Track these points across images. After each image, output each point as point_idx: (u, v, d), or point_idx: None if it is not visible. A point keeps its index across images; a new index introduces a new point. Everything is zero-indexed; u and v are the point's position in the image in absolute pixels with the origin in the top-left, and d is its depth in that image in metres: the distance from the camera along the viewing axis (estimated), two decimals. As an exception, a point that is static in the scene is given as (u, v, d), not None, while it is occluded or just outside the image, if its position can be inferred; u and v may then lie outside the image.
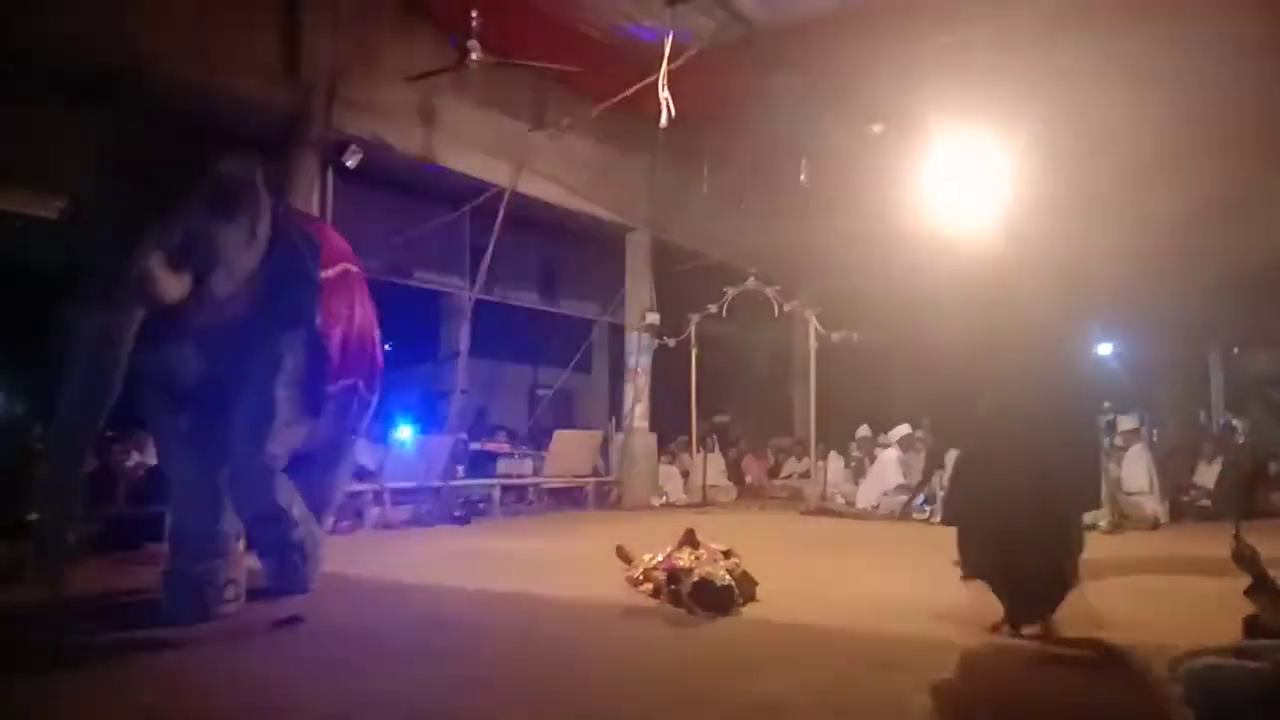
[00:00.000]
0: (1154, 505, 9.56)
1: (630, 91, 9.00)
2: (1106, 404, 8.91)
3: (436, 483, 9.56)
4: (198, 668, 3.61)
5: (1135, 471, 9.72)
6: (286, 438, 4.72)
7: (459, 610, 4.86)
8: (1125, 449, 10.06)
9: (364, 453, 9.66)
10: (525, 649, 3.97)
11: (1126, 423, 10.32)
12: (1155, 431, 12.09)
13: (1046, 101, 8.39)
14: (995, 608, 4.16)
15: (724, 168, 11.77)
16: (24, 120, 7.95)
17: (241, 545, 4.78)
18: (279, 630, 4.16)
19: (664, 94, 8.10)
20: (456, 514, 9.41)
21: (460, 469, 10.21)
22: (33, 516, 6.47)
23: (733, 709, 3.08)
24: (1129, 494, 9.52)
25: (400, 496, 9.35)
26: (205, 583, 4.39)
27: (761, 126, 10.57)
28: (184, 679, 3.48)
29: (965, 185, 9.49)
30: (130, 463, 7.78)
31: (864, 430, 11.90)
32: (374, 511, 9.05)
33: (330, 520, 5.93)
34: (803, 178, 10.56)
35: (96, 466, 6.82)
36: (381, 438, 9.80)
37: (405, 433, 10.17)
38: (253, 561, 4.94)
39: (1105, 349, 7.12)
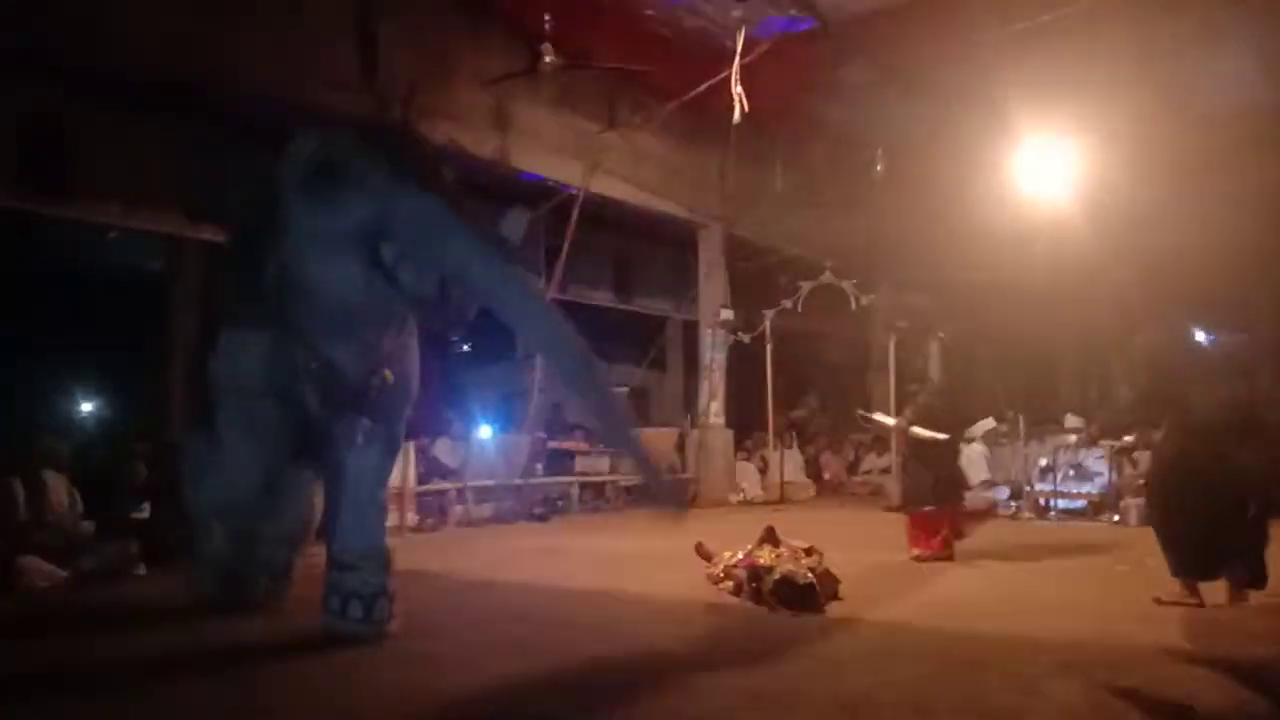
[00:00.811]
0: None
1: (702, 88, 8.99)
2: None
3: (517, 480, 9.71)
4: (290, 661, 3.75)
5: None
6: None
7: (540, 606, 4.93)
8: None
9: (446, 452, 9.90)
10: (606, 645, 4.01)
11: None
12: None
13: (1134, 82, 8.12)
14: (1078, 603, 4.06)
15: (797, 161, 11.68)
16: (112, 133, 8.34)
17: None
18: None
19: (736, 90, 8.08)
20: (536, 511, 9.54)
21: (539, 467, 10.35)
22: (140, 514, 6.81)
23: (815, 707, 3.07)
24: None
25: (481, 494, 9.53)
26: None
27: (834, 119, 10.45)
28: (277, 673, 3.61)
29: (1049, 168, 9.27)
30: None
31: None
32: (457, 509, 9.24)
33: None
34: (878, 168, 10.41)
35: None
36: (463, 436, 10.01)
37: (485, 431, 10.35)
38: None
39: (1202, 336, 6.83)
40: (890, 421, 7.83)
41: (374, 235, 3.70)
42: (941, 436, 6.53)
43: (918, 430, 6.56)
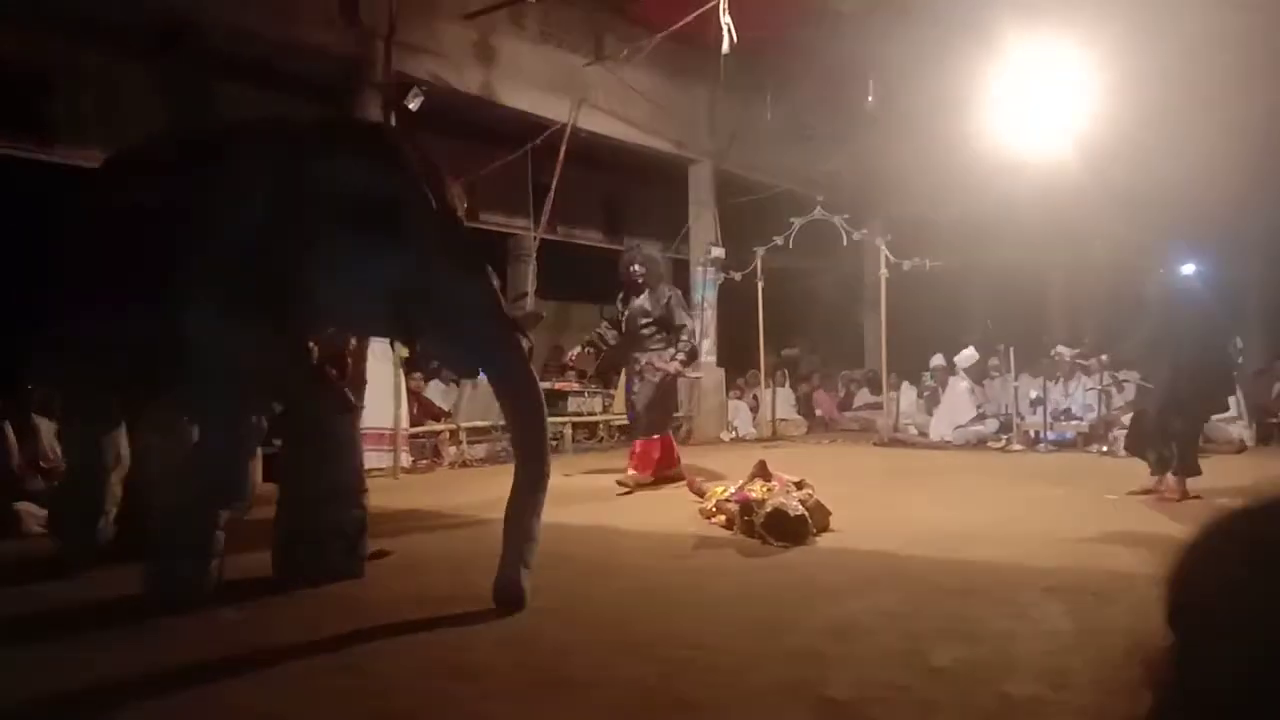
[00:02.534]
0: (1240, 429, 9.27)
1: (689, 19, 8.79)
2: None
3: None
4: (301, 600, 3.79)
5: None
6: None
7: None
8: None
9: (439, 394, 9.91)
10: (603, 578, 4.06)
11: None
12: (1242, 352, 11.64)
13: (1128, 6, 7.98)
14: (1066, 531, 4.11)
15: (787, 94, 11.49)
16: (93, 73, 8.17)
17: None
18: (368, 564, 4.32)
19: (725, 19, 7.90)
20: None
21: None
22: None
23: (807, 633, 3.12)
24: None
25: (475, 435, 9.57)
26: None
27: (825, 48, 10.25)
28: (293, 607, 3.65)
29: (1042, 101, 9.16)
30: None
31: (938, 359, 11.70)
32: (450, 450, 9.28)
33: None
34: (869, 100, 10.26)
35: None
36: (455, 379, 10.00)
37: (476, 374, 10.35)
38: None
39: (1189, 269, 6.88)
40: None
41: (406, 292, 3.76)
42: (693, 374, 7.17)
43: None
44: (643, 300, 7.15)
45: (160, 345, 3.85)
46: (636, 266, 7.18)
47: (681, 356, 7.08)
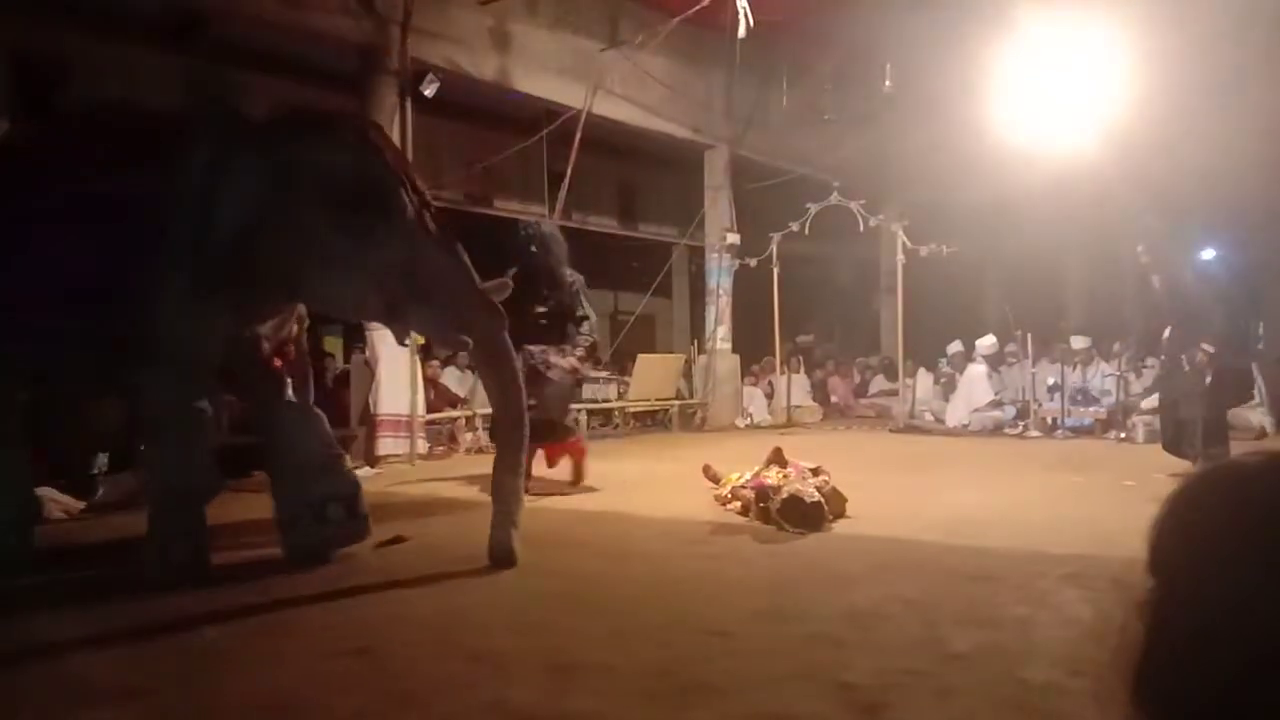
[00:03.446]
0: (1260, 416, 9.20)
1: (705, 2, 8.75)
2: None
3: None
4: (314, 583, 3.82)
5: None
6: None
7: (552, 528, 4.99)
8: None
9: (455, 380, 9.94)
10: (618, 564, 4.07)
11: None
12: (1263, 339, 11.50)
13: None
14: (1084, 518, 4.08)
15: (803, 78, 11.43)
16: (112, 62, 8.20)
17: None
18: (384, 549, 4.36)
19: (741, 3, 7.86)
20: (546, 438, 9.61)
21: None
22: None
23: (824, 619, 3.12)
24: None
25: (490, 422, 9.59)
26: None
27: (842, 32, 10.17)
28: (307, 590, 3.68)
29: (1062, 85, 9.06)
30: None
31: (956, 345, 11.64)
32: (467, 437, 9.31)
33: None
34: (887, 84, 10.18)
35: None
36: (470, 366, 10.02)
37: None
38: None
39: (1209, 254, 6.80)
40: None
41: (396, 273, 3.90)
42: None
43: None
44: (542, 285, 6.21)
45: (111, 337, 3.82)
46: (534, 248, 6.24)
47: (580, 352, 6.38)
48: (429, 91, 8.87)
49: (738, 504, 5.15)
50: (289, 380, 4.42)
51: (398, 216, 3.91)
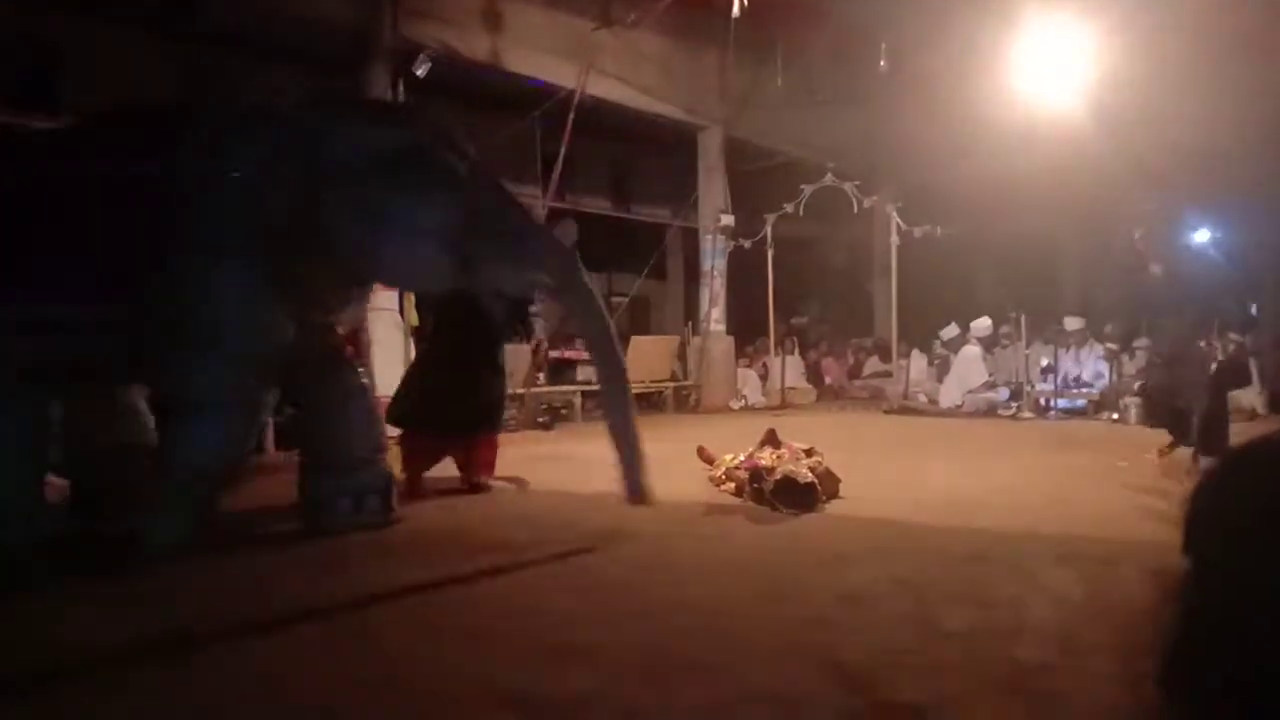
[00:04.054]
0: (1252, 397, 9.24)
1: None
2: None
3: (520, 390, 9.75)
4: (306, 563, 3.81)
5: None
6: None
7: (548, 509, 5.00)
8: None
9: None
10: (612, 544, 4.07)
11: None
12: (1258, 316, 11.53)
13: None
14: (1077, 498, 4.09)
15: (798, 58, 11.36)
16: (102, 45, 8.13)
17: None
18: (375, 532, 4.36)
19: (735, -17, 7.80)
20: (540, 420, 9.61)
21: (541, 377, 10.38)
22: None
23: (817, 598, 3.13)
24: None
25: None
26: None
27: (836, 12, 10.11)
28: (300, 570, 3.68)
29: (1056, 64, 9.02)
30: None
31: (950, 327, 11.65)
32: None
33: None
34: (881, 64, 10.13)
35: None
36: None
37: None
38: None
39: (1203, 235, 6.78)
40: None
41: (460, 230, 3.95)
42: None
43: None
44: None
45: (164, 322, 3.79)
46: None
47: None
48: (421, 72, 8.81)
49: (731, 485, 5.16)
50: (357, 368, 4.54)
51: (447, 176, 4.01)
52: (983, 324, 11.29)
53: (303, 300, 4.07)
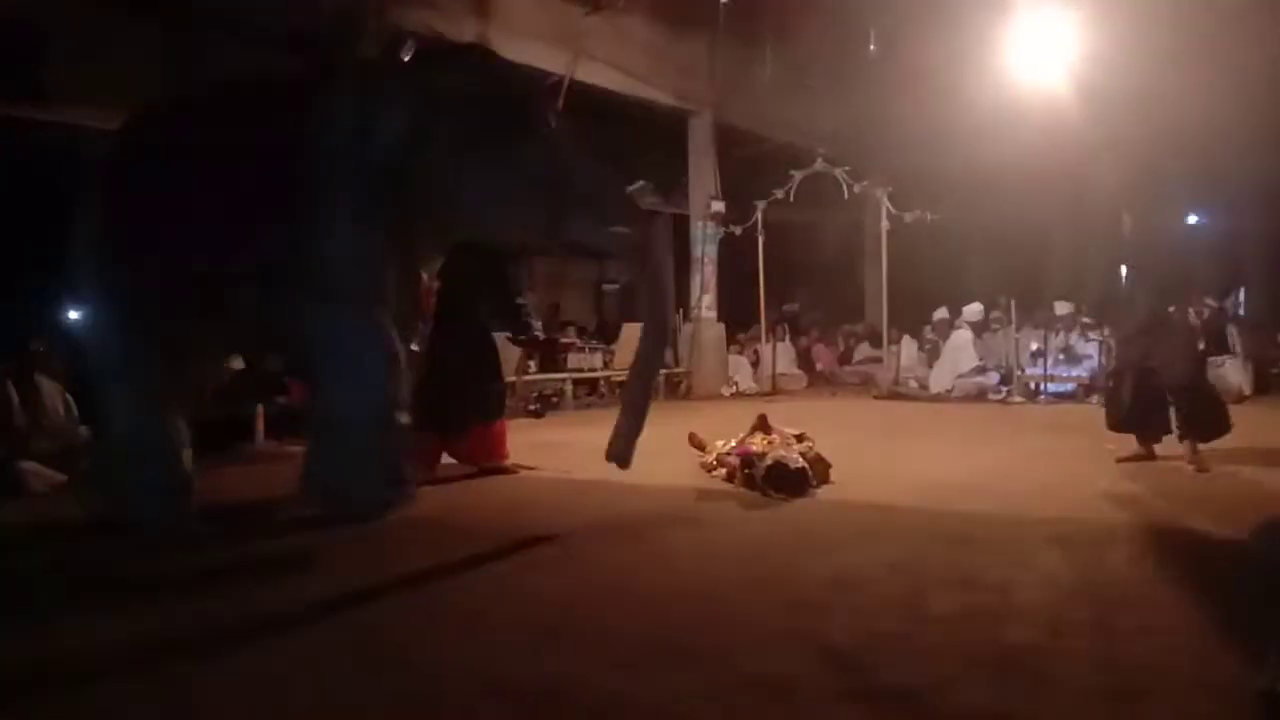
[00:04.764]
0: (1238, 377, 9.31)
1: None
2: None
3: (511, 378, 9.74)
4: (303, 550, 3.81)
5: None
6: None
7: (540, 496, 5.01)
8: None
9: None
10: (605, 531, 4.09)
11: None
12: (1244, 302, 11.62)
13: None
14: (1065, 482, 4.11)
15: (788, 43, 11.33)
16: (87, 31, 8.04)
17: None
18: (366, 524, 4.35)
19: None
20: (531, 408, 9.61)
21: (532, 364, 10.37)
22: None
23: (808, 583, 3.15)
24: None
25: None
26: None
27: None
28: (295, 558, 3.68)
29: (1045, 50, 9.02)
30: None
31: (941, 312, 11.68)
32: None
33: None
34: (871, 49, 10.11)
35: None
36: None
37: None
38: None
39: (1190, 219, 6.75)
40: None
41: (549, 183, 4.02)
42: None
43: None
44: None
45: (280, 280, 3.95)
46: None
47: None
48: (407, 58, 8.73)
49: (723, 471, 5.17)
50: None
51: (538, 129, 4.11)
52: (975, 309, 11.32)
53: (401, 252, 4.19)
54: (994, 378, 10.80)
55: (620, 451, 4.06)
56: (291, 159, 4.02)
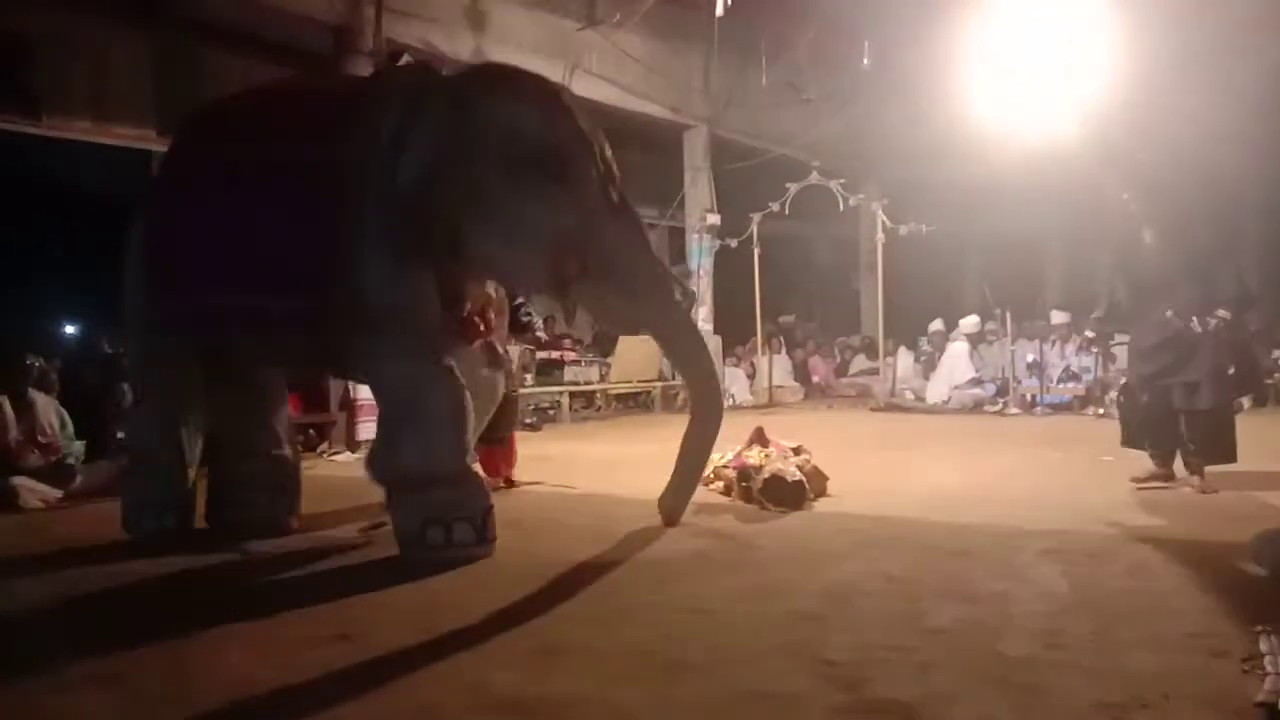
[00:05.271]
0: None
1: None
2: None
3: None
4: (299, 568, 3.80)
5: None
6: None
7: (537, 509, 4.99)
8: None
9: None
10: (600, 544, 4.07)
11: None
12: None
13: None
14: (1062, 494, 4.11)
15: (782, 56, 11.38)
16: (79, 42, 8.06)
17: None
18: (368, 534, 4.34)
19: (719, -18, 7.81)
20: (528, 421, 9.60)
21: (529, 377, 10.37)
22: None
23: (806, 596, 3.13)
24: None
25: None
26: None
27: (820, 10, 10.13)
28: (290, 571, 3.66)
29: (1040, 62, 9.06)
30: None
31: (937, 324, 11.70)
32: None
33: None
34: (865, 62, 10.16)
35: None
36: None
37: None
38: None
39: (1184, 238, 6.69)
40: None
41: (570, 243, 3.81)
42: None
43: None
44: None
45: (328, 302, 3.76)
46: None
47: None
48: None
49: (720, 484, 5.16)
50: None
51: (580, 184, 3.83)
52: (971, 320, 11.35)
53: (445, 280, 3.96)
54: (990, 389, 10.81)
55: (670, 509, 4.26)
56: (334, 192, 3.81)
